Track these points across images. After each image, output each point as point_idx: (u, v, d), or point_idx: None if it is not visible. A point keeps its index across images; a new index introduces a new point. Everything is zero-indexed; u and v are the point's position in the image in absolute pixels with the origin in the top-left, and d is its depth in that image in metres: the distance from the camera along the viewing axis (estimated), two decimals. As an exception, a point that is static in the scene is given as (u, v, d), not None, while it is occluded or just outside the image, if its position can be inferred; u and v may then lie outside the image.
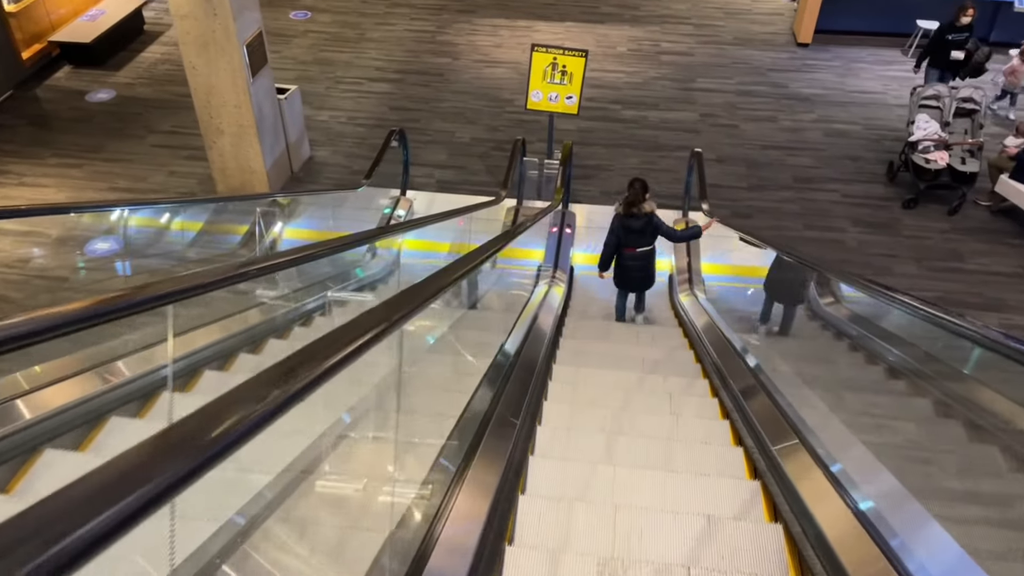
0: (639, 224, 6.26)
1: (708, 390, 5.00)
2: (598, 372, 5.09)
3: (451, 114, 10.71)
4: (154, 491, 0.80)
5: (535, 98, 8.66)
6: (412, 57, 12.06)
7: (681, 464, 3.52)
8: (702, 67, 11.92)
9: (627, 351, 5.85)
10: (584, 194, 9.28)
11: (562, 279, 7.42)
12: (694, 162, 8.32)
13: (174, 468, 0.85)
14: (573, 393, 4.64)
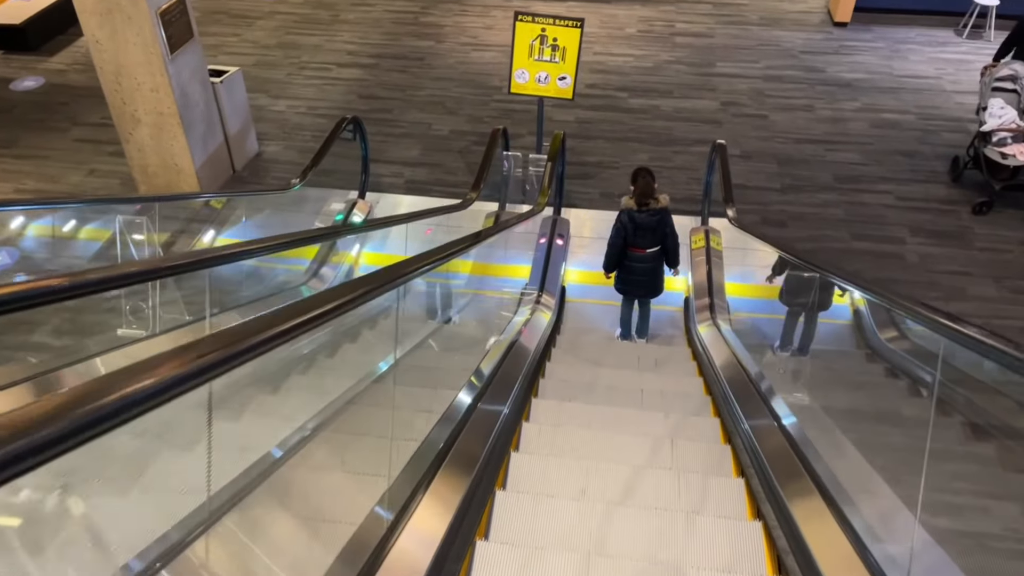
0: (651, 221, 5.34)
1: (731, 463, 3.49)
2: (587, 445, 3.55)
3: (429, 103, 9.18)
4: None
5: (520, 79, 7.10)
6: (390, 40, 10.54)
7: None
8: (723, 50, 10.31)
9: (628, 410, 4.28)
10: (582, 196, 7.71)
11: (549, 304, 5.86)
12: (716, 157, 6.75)
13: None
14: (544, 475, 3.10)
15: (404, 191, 7.74)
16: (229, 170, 7.77)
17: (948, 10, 10.88)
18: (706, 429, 3.98)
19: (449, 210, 5.61)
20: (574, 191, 7.74)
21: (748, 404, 3.90)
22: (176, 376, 1.07)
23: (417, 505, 2.50)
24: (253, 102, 8.97)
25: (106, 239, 5.36)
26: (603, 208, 7.53)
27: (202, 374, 1.14)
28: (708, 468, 3.51)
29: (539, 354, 4.88)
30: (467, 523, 2.68)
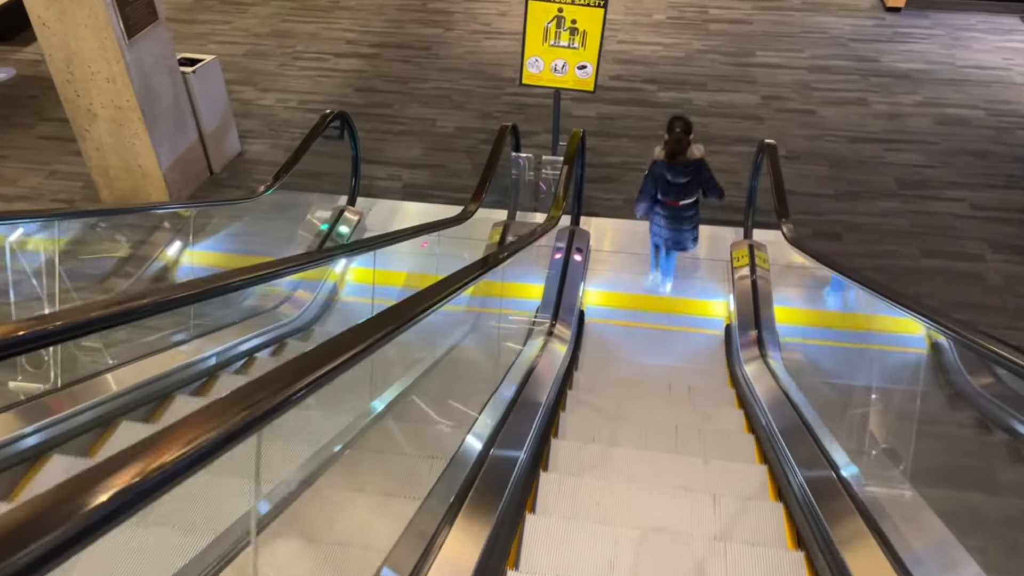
0: (683, 175, 5.05)
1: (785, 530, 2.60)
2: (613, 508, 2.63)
3: (433, 97, 8.24)
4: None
5: (533, 68, 6.13)
6: (394, 28, 9.62)
7: None
8: (762, 37, 9.28)
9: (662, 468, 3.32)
10: (603, 203, 6.73)
11: (564, 334, 4.90)
12: (763, 159, 5.76)
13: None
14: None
15: (402, 196, 6.81)
16: (205, 172, 6.88)
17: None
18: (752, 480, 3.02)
19: (443, 226, 4.67)
20: (594, 197, 6.77)
21: (814, 472, 2.95)
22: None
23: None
24: (238, 96, 8.10)
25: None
26: (628, 217, 6.55)
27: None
28: (758, 534, 2.63)
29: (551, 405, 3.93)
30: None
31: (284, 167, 5.48)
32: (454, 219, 4.83)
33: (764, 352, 4.66)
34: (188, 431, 1.09)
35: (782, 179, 5.18)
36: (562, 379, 4.52)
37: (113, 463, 0.96)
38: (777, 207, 4.97)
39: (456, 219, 4.83)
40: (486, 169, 5.40)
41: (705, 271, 5.93)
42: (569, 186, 5.09)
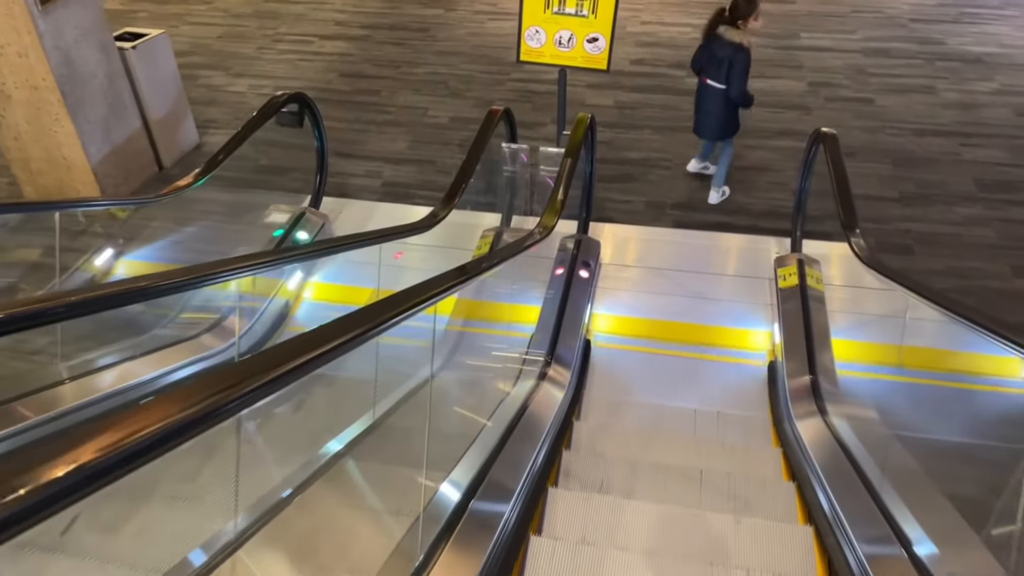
0: (721, 53, 5.00)
1: None
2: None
3: (427, 83, 7.19)
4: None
5: (532, 42, 5.04)
6: (390, 8, 8.59)
7: None
8: (807, 18, 8.10)
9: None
10: (620, 207, 5.63)
11: (561, 377, 3.81)
12: (815, 154, 4.63)
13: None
14: None
15: (379, 196, 5.76)
16: (152, 166, 5.89)
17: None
18: None
19: (401, 233, 3.60)
20: (610, 199, 5.67)
21: None
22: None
23: None
24: (206, 81, 7.12)
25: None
26: (649, 222, 5.45)
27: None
28: None
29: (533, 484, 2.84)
30: None
31: (212, 160, 4.45)
32: (417, 225, 3.75)
33: (822, 405, 3.52)
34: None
35: (847, 179, 4.03)
36: (555, 437, 3.43)
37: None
38: (842, 215, 3.82)
39: (419, 225, 3.75)
40: (465, 163, 4.32)
41: (742, 291, 4.80)
42: (567, 185, 3.99)
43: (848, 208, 3.79)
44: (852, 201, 3.85)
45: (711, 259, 5.07)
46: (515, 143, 5.03)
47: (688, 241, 5.25)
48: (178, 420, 0.95)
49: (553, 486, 3.08)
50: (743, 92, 5.08)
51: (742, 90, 5.07)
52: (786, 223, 5.29)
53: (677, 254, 5.09)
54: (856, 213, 3.91)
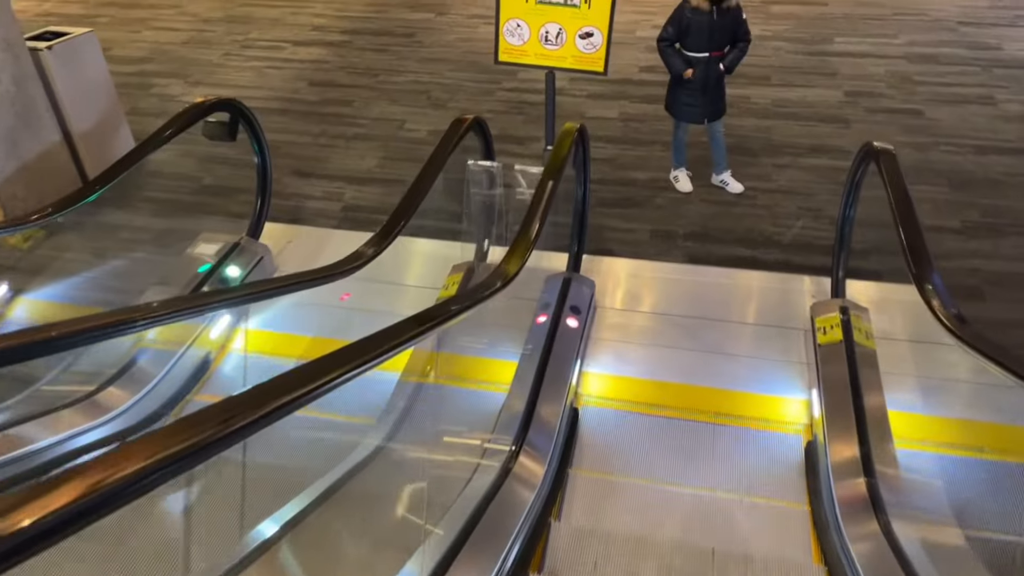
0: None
1: None
2: None
3: (408, 92, 6.34)
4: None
5: (514, 39, 4.15)
6: (375, 12, 7.78)
7: None
8: (842, 20, 7.17)
9: None
10: (622, 237, 4.71)
11: (533, 473, 2.87)
12: (863, 174, 3.69)
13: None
14: None
15: (337, 222, 4.89)
16: (76, 186, 5.05)
17: None
18: None
19: (313, 280, 2.70)
20: (609, 227, 4.76)
21: None
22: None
23: None
24: (160, 91, 6.32)
25: None
26: (656, 256, 4.53)
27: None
28: None
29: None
30: None
31: (98, 178, 3.58)
32: (333, 270, 2.85)
33: (885, 522, 2.56)
34: None
35: (913, 207, 3.08)
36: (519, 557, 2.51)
37: None
38: (910, 259, 2.82)
39: (336, 271, 2.84)
40: (413, 188, 3.42)
41: (771, 345, 3.83)
42: (546, 209, 3.07)
43: (918, 249, 2.83)
44: (923, 239, 2.89)
45: (732, 303, 4.12)
46: (492, 160, 4.13)
47: (704, 280, 4.31)
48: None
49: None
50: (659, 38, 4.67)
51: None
52: (823, 258, 4.36)
53: (690, 296, 4.15)
54: (931, 256, 2.94)
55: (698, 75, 4.57)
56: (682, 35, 4.54)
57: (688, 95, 4.69)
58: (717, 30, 4.47)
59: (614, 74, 6.39)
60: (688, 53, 4.55)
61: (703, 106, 4.70)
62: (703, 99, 4.67)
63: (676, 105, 4.79)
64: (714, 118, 4.80)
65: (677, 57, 4.57)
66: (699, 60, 4.54)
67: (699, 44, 4.51)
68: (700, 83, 4.60)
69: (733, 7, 4.45)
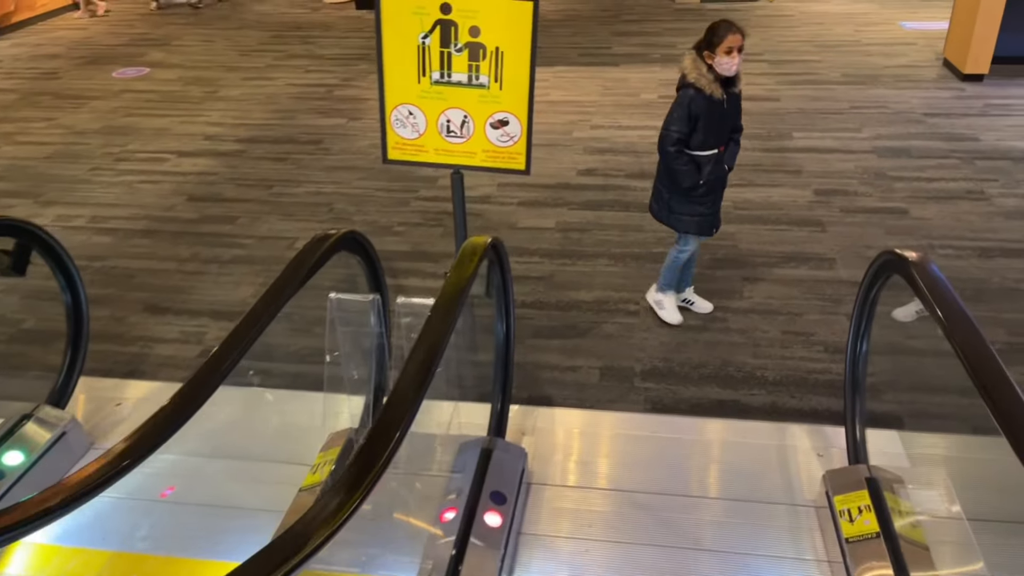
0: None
1: None
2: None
3: (307, 205, 5.34)
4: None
5: (404, 130, 3.18)
6: (280, 119, 6.89)
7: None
8: (798, 116, 6.50)
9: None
10: (562, 379, 3.63)
11: None
12: (879, 291, 2.71)
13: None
14: None
15: (189, 373, 3.71)
16: None
17: None
18: None
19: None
20: (547, 364, 3.69)
21: None
22: None
23: None
24: (7, 211, 5.20)
25: None
26: (608, 403, 3.45)
27: None
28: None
29: None
30: None
31: None
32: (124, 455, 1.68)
33: None
34: None
35: (985, 341, 2.06)
36: None
37: None
38: (995, 407, 1.79)
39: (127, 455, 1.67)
40: (241, 326, 2.34)
41: (772, 534, 2.71)
42: (434, 357, 1.97)
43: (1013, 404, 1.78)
44: (1014, 387, 1.85)
45: (713, 469, 3.03)
46: (379, 286, 3.06)
47: (673, 436, 3.22)
48: None
49: None
50: (664, 146, 3.57)
51: (664, 143, 3.58)
52: (823, 398, 3.35)
53: (657, 461, 3.04)
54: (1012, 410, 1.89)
55: (710, 177, 3.57)
56: (704, 130, 3.52)
57: (704, 204, 3.65)
58: (727, 119, 3.55)
59: (550, 178, 5.52)
60: (694, 152, 3.52)
61: (717, 213, 3.72)
62: (716, 204, 3.70)
63: (689, 219, 3.68)
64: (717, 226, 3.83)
65: (691, 163, 3.53)
66: (708, 159, 3.54)
67: (708, 139, 3.50)
68: (714, 186, 3.63)
69: (739, 91, 3.54)
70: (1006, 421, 1.73)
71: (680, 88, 3.44)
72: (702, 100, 3.35)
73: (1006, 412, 1.75)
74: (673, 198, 3.64)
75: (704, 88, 3.32)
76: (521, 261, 4.57)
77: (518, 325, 3.98)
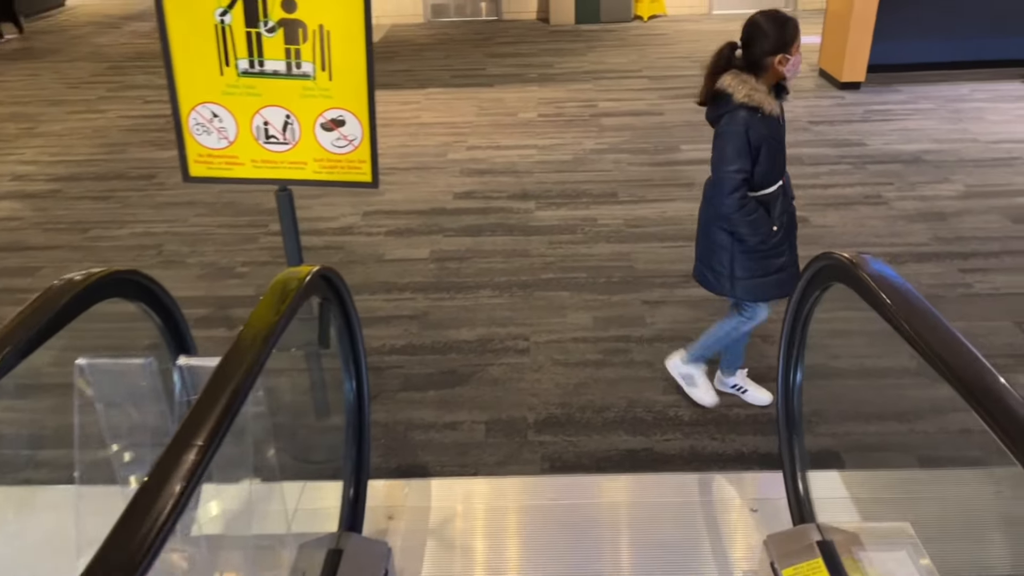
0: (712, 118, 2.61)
1: None
2: None
3: (130, 249, 4.48)
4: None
5: (207, 138, 2.45)
6: (107, 154, 5.97)
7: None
8: (684, 129, 6.17)
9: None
10: (438, 439, 2.95)
11: None
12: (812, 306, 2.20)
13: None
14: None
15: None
16: None
17: (996, 59, 7.26)
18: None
19: None
20: (421, 423, 3.01)
21: None
22: None
23: None
24: None
25: None
26: (497, 465, 2.79)
27: None
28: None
29: None
30: None
31: None
32: None
33: None
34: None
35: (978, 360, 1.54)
36: None
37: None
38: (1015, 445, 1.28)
39: None
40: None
41: None
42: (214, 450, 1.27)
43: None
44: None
45: (624, 543, 2.42)
46: (184, 344, 2.30)
47: (578, 501, 2.60)
48: None
49: None
50: (723, 195, 2.56)
51: (722, 191, 2.57)
52: (747, 436, 2.83)
53: (557, 540, 2.41)
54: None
55: (783, 218, 2.67)
56: (757, 151, 2.56)
57: (781, 254, 2.72)
58: (784, 138, 2.68)
59: (424, 203, 4.89)
60: (758, 193, 2.61)
61: (797, 260, 2.77)
62: (795, 249, 2.79)
63: (764, 281, 2.72)
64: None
65: (759, 207, 2.59)
66: (774, 196, 2.65)
67: (772, 170, 2.61)
68: (788, 226, 2.73)
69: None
70: None
71: (722, 115, 2.53)
72: (760, 122, 2.49)
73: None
74: (737, 260, 2.70)
75: (762, 105, 2.46)
76: (389, 299, 3.89)
77: (384, 376, 3.29)
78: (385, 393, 3.19)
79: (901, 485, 2.63)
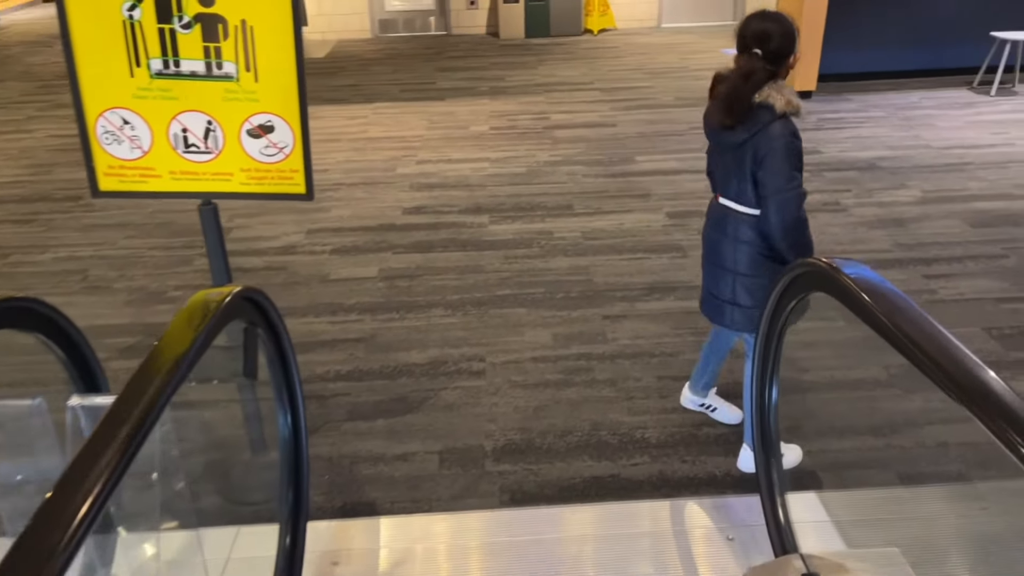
0: (735, 136, 2.26)
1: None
2: None
3: (52, 275, 4.15)
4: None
5: (118, 148, 2.21)
6: (32, 175, 5.61)
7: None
8: (638, 139, 6.06)
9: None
10: (388, 473, 2.71)
11: None
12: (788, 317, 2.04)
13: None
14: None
15: None
16: None
17: (943, 67, 7.35)
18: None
19: None
20: (368, 456, 2.77)
21: None
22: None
23: None
24: None
25: None
26: (453, 500, 2.56)
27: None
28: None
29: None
30: None
31: None
32: None
33: None
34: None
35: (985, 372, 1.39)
36: None
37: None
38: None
39: None
40: None
41: None
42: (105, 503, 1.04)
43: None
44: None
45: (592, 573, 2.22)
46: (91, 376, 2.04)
47: (539, 538, 2.39)
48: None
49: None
50: (792, 214, 2.31)
51: (788, 211, 2.30)
52: (719, 456, 2.66)
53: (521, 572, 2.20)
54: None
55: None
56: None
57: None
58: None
59: (371, 219, 4.66)
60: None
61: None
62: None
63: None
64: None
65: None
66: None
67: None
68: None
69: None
70: None
71: (756, 133, 2.22)
72: (798, 132, 2.25)
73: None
74: (758, 291, 2.42)
75: (800, 108, 2.22)
76: (335, 321, 3.64)
77: (328, 405, 3.05)
78: (329, 424, 2.94)
79: (883, 505, 2.49)
